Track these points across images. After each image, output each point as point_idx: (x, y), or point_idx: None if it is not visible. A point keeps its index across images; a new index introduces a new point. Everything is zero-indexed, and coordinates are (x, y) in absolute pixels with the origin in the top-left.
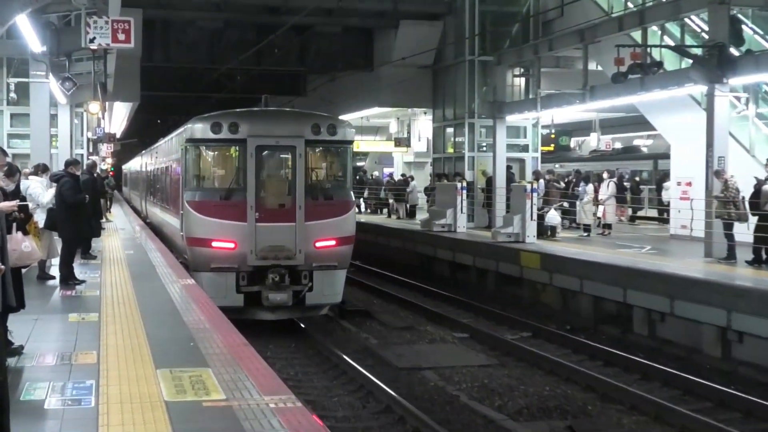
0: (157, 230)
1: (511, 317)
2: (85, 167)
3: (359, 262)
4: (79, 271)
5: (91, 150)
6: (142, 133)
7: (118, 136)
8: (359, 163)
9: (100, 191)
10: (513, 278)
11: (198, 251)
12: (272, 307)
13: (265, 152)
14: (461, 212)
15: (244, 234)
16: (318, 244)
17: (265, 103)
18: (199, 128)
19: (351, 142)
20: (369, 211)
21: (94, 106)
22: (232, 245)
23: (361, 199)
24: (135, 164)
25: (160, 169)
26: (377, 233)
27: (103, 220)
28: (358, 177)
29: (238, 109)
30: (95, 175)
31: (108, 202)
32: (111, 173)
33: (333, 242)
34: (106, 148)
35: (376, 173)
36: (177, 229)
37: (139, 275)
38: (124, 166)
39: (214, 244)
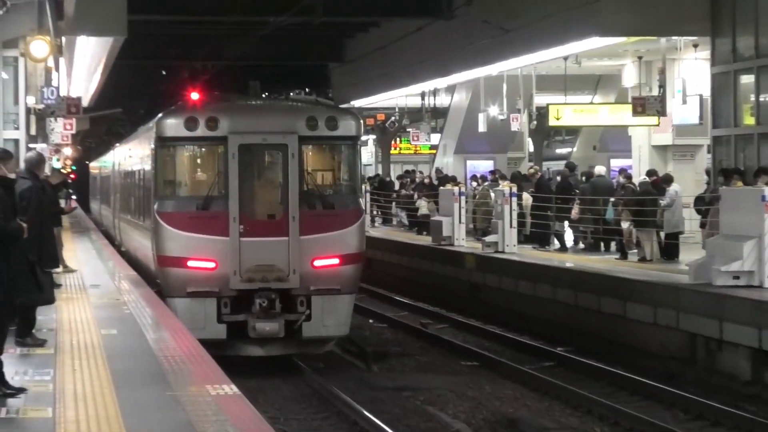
0: (133, 261)
1: None
2: (23, 165)
3: (560, 349)
4: (13, 369)
5: (33, 131)
6: (130, 97)
7: (86, 103)
8: (561, 150)
9: (51, 211)
10: None
11: (171, 273)
12: (260, 339)
13: (251, 152)
14: None
15: (226, 251)
16: (316, 263)
17: (254, 92)
18: (170, 124)
19: (357, 137)
20: (583, 246)
21: (40, 47)
22: (211, 265)
23: (566, 223)
24: (109, 161)
25: (131, 173)
26: (597, 291)
27: (59, 269)
28: (558, 178)
29: (217, 101)
30: (41, 179)
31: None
32: (70, 176)
33: (335, 260)
34: (63, 128)
35: (599, 169)
36: (149, 248)
37: (129, 379)
38: (94, 164)
39: (190, 263)
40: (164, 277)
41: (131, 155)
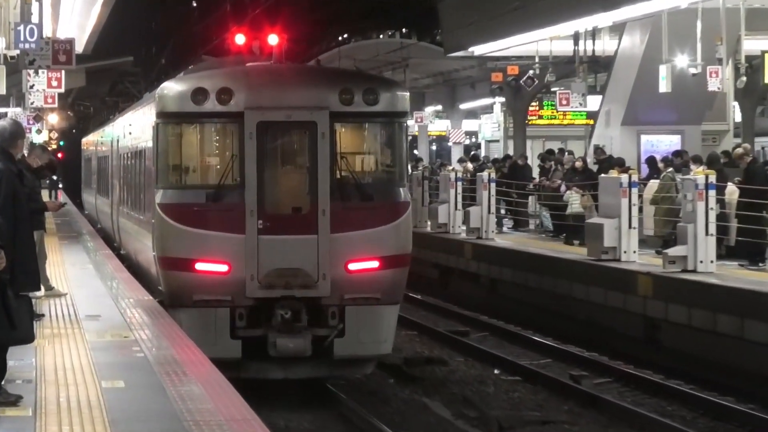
0: (134, 266)
1: None
2: None
3: None
4: None
5: (3, 89)
6: (145, 41)
7: (80, 49)
8: None
9: (31, 207)
10: None
11: (175, 277)
12: (283, 358)
13: (272, 132)
14: None
15: (242, 251)
16: (351, 267)
17: (275, 57)
18: (173, 97)
19: (402, 113)
20: None
21: None
22: (224, 268)
23: None
24: (109, 135)
25: (133, 153)
26: None
27: (41, 292)
28: None
29: (231, 67)
30: (17, 160)
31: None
32: (57, 155)
33: (374, 263)
34: (47, 84)
35: None
36: (149, 248)
37: None
38: (89, 138)
39: (198, 266)
40: (167, 283)
41: (132, 131)
